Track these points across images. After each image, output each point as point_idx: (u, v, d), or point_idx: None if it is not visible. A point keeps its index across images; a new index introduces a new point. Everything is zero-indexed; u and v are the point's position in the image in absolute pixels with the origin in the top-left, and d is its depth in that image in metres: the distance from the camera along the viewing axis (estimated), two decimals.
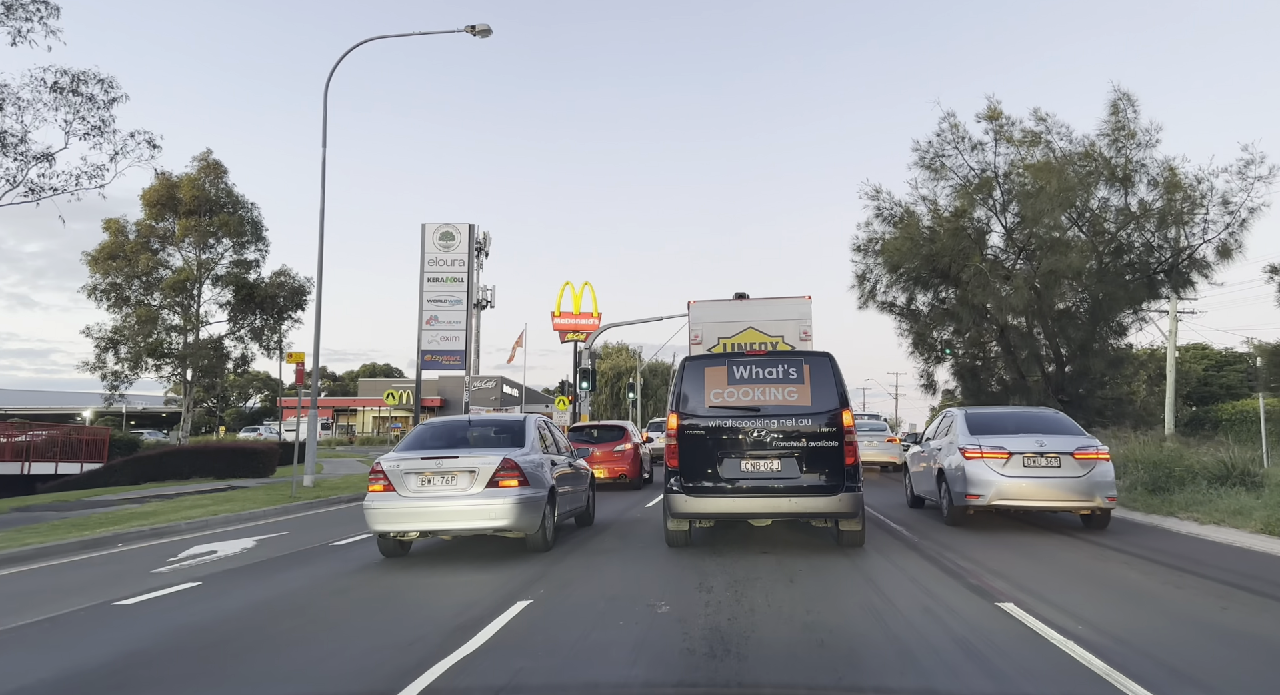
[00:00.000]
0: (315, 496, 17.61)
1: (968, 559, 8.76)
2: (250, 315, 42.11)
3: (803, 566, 8.33)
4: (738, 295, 19.82)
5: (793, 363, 9.49)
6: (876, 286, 27.96)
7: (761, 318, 18.37)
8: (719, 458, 9.11)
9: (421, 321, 49.79)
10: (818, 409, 9.09)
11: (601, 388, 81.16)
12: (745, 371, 9.42)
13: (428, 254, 50.30)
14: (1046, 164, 20.42)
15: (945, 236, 21.62)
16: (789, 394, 9.24)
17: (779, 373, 9.39)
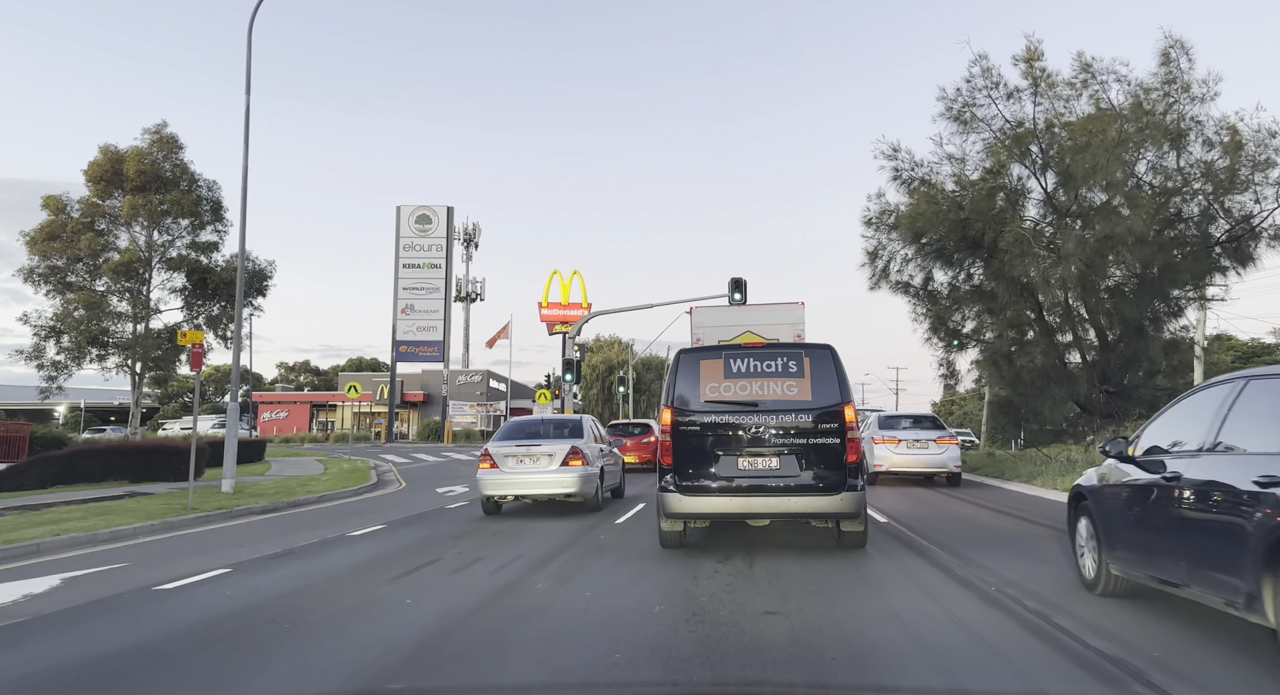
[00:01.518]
0: (220, 507, 14.48)
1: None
2: (207, 302, 38.84)
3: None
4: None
5: (792, 356, 9.02)
6: (890, 265, 24.91)
7: (758, 322, 19.81)
8: (715, 455, 8.71)
9: (396, 310, 46.68)
10: (819, 404, 8.67)
11: (592, 382, 78.05)
12: (743, 365, 8.96)
13: (403, 238, 47.05)
14: (1097, 114, 17.37)
15: (978, 198, 18.49)
16: (788, 388, 8.81)
17: (778, 366, 8.92)
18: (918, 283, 24.90)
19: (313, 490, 18.66)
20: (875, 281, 25.11)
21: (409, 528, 11.98)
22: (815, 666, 4.68)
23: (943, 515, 11.85)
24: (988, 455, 24.67)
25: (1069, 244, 15.81)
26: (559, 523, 12.08)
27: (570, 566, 8.30)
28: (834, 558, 8.70)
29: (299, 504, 16.37)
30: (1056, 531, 10.00)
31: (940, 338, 23.49)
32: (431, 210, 47.41)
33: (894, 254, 25.05)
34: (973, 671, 4.57)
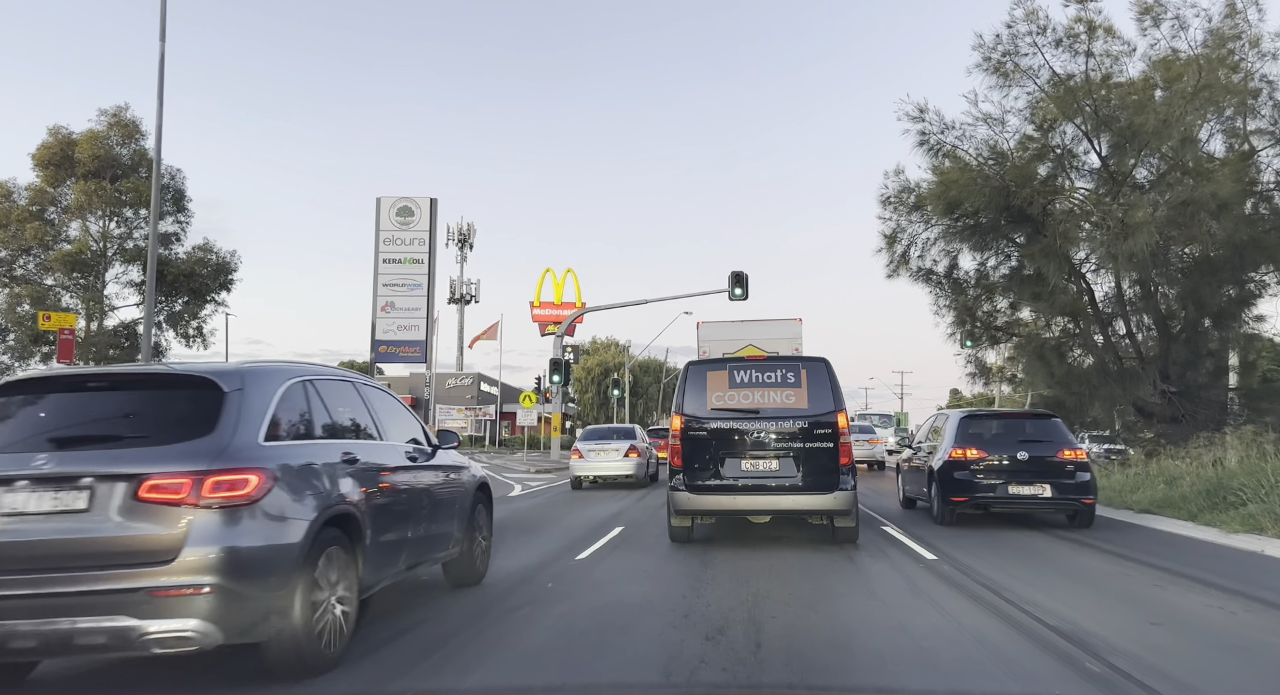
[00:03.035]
0: None
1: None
2: (170, 298, 35.99)
3: None
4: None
5: (790, 368, 9.78)
6: (909, 249, 22.10)
7: (759, 336, 21.92)
8: (720, 457, 9.43)
9: (375, 308, 43.73)
10: (814, 412, 9.38)
11: (587, 385, 75.27)
12: (745, 376, 9.71)
13: (383, 232, 44.13)
14: (1167, 60, 14.64)
15: (1023, 163, 15.68)
16: (787, 397, 9.55)
17: (778, 377, 9.66)
18: (941, 269, 22.10)
19: None
20: (893, 268, 22.33)
21: None
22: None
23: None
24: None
25: (1139, 212, 13.03)
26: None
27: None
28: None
29: None
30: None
31: (968, 332, 20.67)
32: (414, 202, 44.62)
33: (915, 237, 22.24)
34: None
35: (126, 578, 4.04)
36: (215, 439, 4.40)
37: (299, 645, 4.54)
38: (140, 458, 4.26)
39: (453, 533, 6.94)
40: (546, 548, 9.87)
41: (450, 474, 7.01)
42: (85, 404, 4.85)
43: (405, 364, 48.36)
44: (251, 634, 4.36)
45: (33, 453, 4.28)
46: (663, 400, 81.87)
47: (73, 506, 4.14)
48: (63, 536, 4.11)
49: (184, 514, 4.13)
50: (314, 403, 5.37)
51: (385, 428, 6.23)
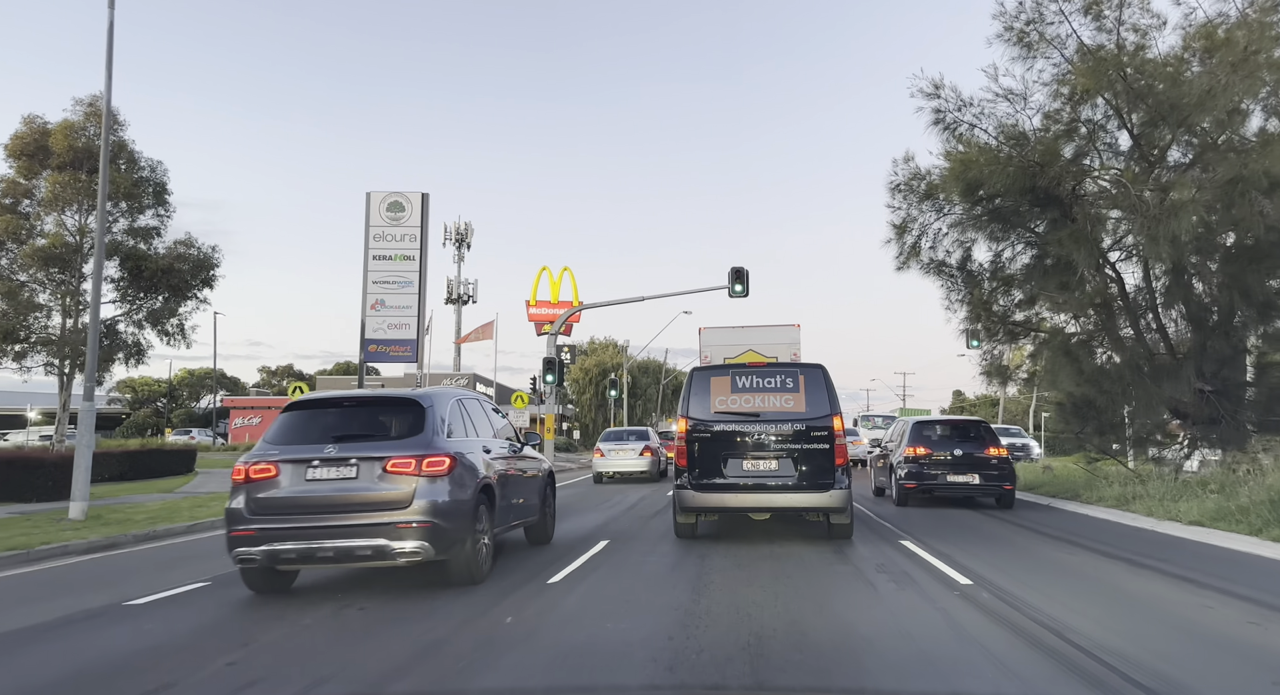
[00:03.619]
0: (17, 547, 10.32)
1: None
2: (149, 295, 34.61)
3: None
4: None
5: (789, 374, 10.25)
6: (920, 240, 20.78)
7: (759, 342, 22.31)
8: (723, 458, 9.93)
9: (365, 306, 42.36)
10: (811, 415, 9.87)
11: (585, 386, 73.86)
12: (747, 381, 10.19)
13: (373, 227, 42.63)
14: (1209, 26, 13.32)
15: (1051, 139, 14.33)
16: (786, 401, 10.01)
17: (777, 382, 10.14)
18: (954, 261, 20.77)
19: (198, 516, 14.57)
20: (903, 260, 20.99)
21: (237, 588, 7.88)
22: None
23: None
24: (1044, 469, 20.51)
25: (1182, 191, 11.70)
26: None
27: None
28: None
29: (154, 537, 12.28)
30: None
31: (983, 328, 19.32)
32: (404, 197, 43.15)
33: (926, 227, 20.89)
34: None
35: (383, 516, 6.86)
36: (424, 437, 7.25)
37: (469, 563, 7.39)
38: (384, 447, 7.16)
39: (535, 504, 9.94)
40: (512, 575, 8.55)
41: (532, 463, 10.03)
42: (347, 414, 7.75)
43: (396, 364, 46.93)
44: (447, 554, 7.14)
45: (322, 444, 7.16)
46: (662, 401, 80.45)
47: (347, 476, 7.00)
48: (343, 492, 6.99)
49: (412, 480, 6.96)
50: (464, 414, 8.32)
51: (498, 430, 9.33)
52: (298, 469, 7.06)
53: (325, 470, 7.06)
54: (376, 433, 7.47)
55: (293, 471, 7.07)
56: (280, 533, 6.92)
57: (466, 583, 7.39)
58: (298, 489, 7.06)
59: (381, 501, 6.97)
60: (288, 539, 6.91)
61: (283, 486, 7.07)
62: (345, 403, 7.94)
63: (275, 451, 7.23)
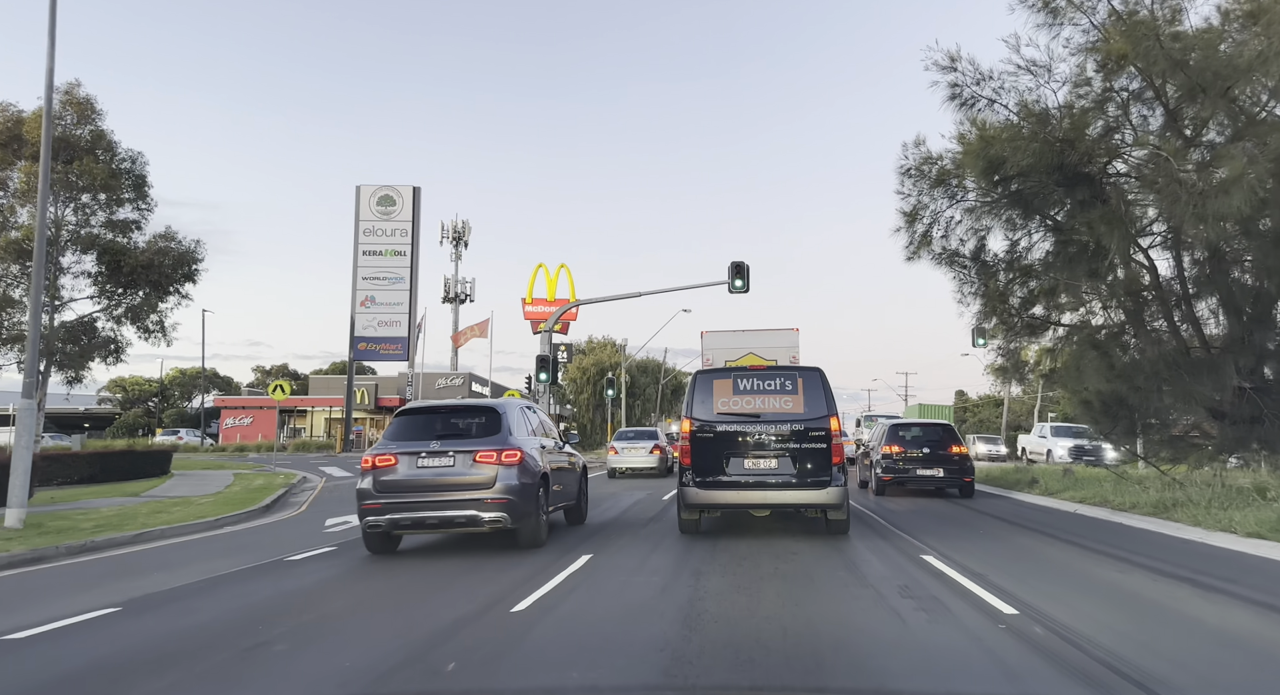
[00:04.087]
0: None
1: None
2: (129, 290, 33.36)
3: None
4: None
5: (788, 376, 10.70)
6: (932, 228, 19.64)
7: (759, 345, 23.67)
8: (726, 457, 10.35)
9: (354, 303, 41.04)
10: (809, 416, 10.30)
11: (583, 386, 72.51)
12: (748, 384, 10.62)
13: (363, 222, 41.41)
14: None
15: (1079, 113, 13.11)
16: (785, 403, 10.43)
17: (776, 385, 10.57)
18: (968, 250, 19.58)
19: (150, 523, 13.39)
20: (913, 250, 19.80)
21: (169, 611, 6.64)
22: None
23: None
24: (1064, 472, 19.28)
25: (1232, 165, 10.49)
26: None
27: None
28: None
29: (92, 549, 11.07)
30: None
31: (1000, 319, 18.12)
32: (395, 190, 42.06)
33: (938, 214, 19.71)
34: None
35: (473, 494, 9.42)
36: (500, 436, 9.71)
37: (534, 532, 9.92)
38: (472, 443, 9.67)
39: (574, 491, 12.17)
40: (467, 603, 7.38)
41: (572, 457, 12.33)
42: (444, 418, 10.20)
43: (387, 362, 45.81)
44: (518, 524, 9.65)
45: (428, 440, 9.68)
46: (661, 401, 79.19)
47: (447, 464, 9.55)
48: (444, 476, 9.54)
49: (494, 468, 9.46)
50: (525, 419, 10.73)
51: (548, 432, 11.75)
52: (411, 459, 9.55)
53: (431, 460, 9.58)
54: (466, 432, 9.91)
55: (407, 461, 9.55)
56: (399, 506, 9.45)
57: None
58: (411, 473, 9.54)
59: (472, 483, 9.45)
60: (404, 511, 9.45)
61: (400, 472, 9.56)
62: (442, 410, 10.55)
63: (394, 446, 9.73)
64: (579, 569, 8.40)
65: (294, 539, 12.02)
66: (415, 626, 6.07)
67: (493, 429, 9.82)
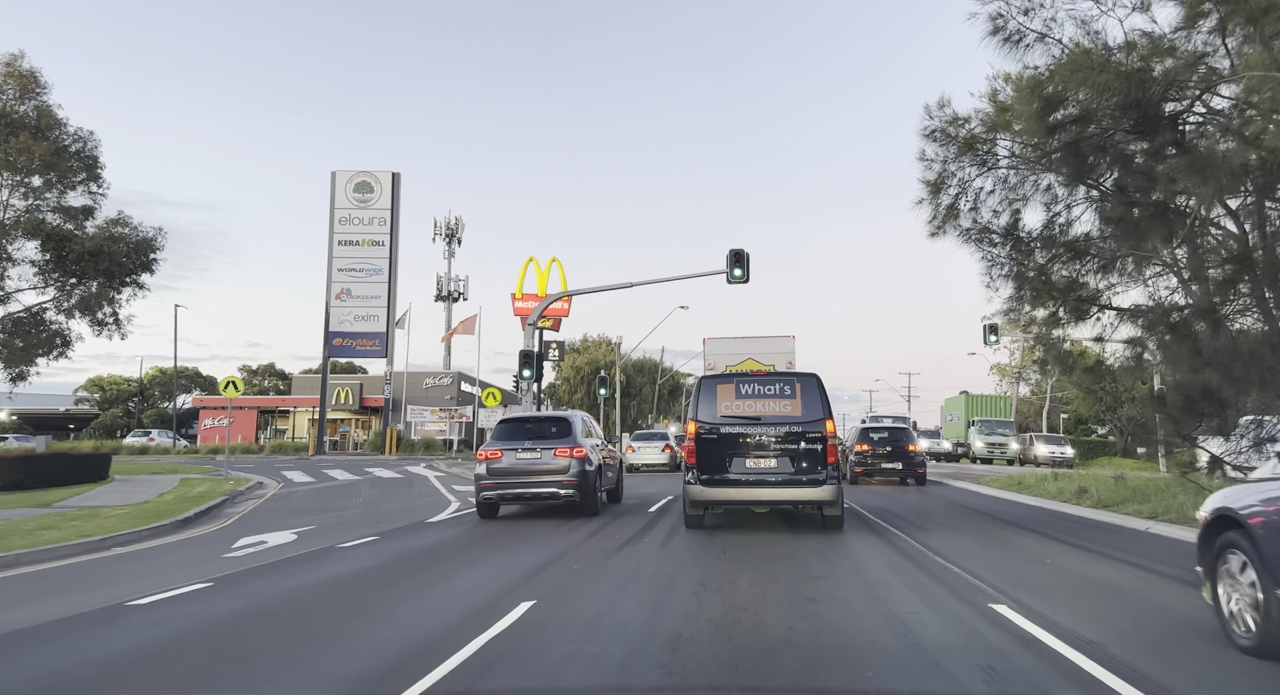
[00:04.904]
0: None
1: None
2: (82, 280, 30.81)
3: None
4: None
5: (787, 382, 11.46)
6: (959, 199, 17.26)
7: (758, 352, 26.81)
8: (728, 457, 11.04)
9: (329, 296, 38.29)
10: (807, 419, 11.03)
11: (576, 386, 70.04)
12: (749, 388, 11.35)
13: (339, 210, 38.61)
14: None
15: (1154, 43, 10.57)
16: (784, 407, 11.17)
17: (776, 390, 11.33)
18: (1001, 224, 17.12)
19: (38, 541, 10.90)
20: (938, 225, 17.33)
21: None
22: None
23: None
24: (1115, 480, 16.72)
25: None
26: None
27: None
28: None
29: None
30: None
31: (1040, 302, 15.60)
32: (373, 176, 39.50)
33: (966, 183, 17.27)
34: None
35: (554, 477, 13.58)
36: (571, 438, 13.93)
37: (594, 504, 14.04)
38: (552, 443, 13.82)
39: (614, 478, 16.25)
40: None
41: (613, 453, 17.20)
42: (532, 425, 14.67)
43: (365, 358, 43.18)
44: (584, 499, 13.71)
45: (522, 440, 14.04)
46: (658, 402, 76.62)
47: (535, 457, 13.76)
48: (534, 465, 13.72)
49: (567, 460, 13.62)
50: (586, 425, 15.14)
51: (598, 434, 16.31)
52: (511, 453, 13.78)
53: (525, 454, 13.82)
54: (547, 434, 14.06)
55: (509, 454, 13.76)
56: (504, 485, 13.71)
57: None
58: (511, 463, 13.75)
59: (553, 470, 13.61)
60: (507, 488, 13.73)
61: (504, 462, 13.77)
62: (530, 419, 15.34)
63: (499, 444, 13.98)
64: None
65: (172, 569, 9.50)
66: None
67: (565, 433, 14.08)
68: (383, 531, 12.58)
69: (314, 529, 13.27)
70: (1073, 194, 16.30)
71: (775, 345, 27.19)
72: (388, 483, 24.44)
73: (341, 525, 13.76)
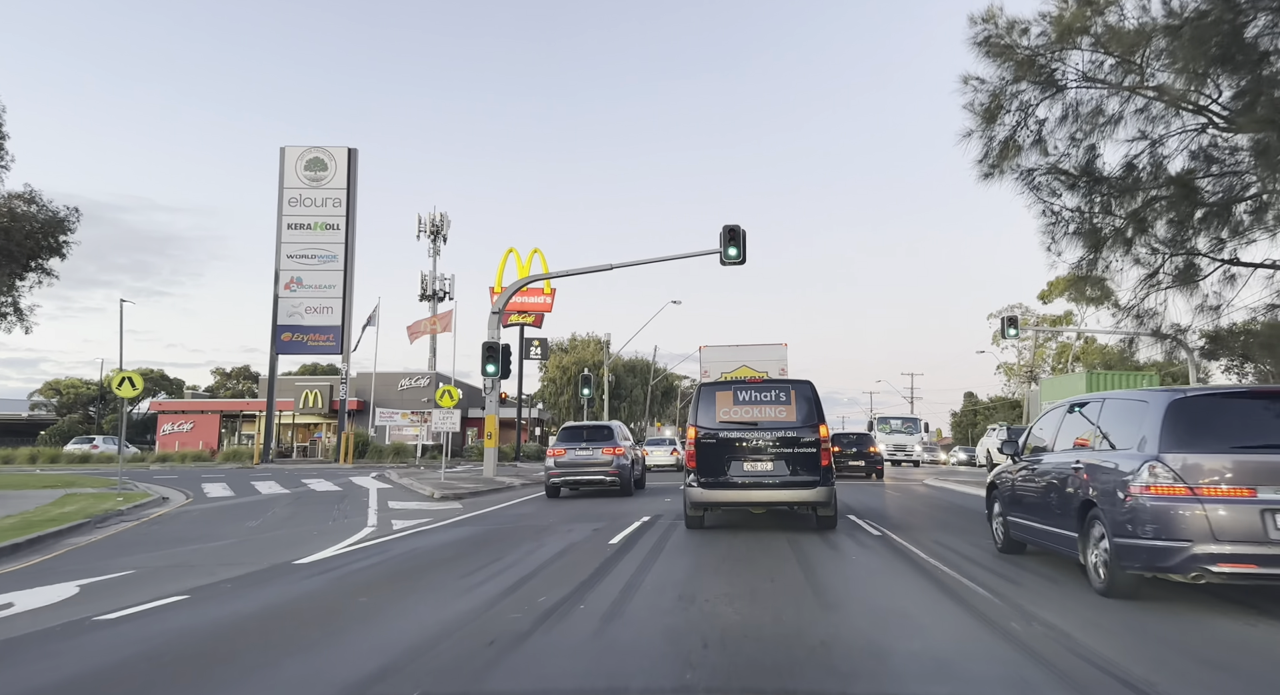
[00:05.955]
0: None
1: None
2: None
3: None
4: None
5: (783, 389, 12.08)
6: (1019, 131, 13.68)
7: (751, 358, 28.62)
8: (727, 460, 11.58)
9: (278, 285, 34.05)
10: (801, 424, 11.62)
11: (563, 386, 66.01)
12: (747, 395, 11.98)
13: (288, 190, 34.17)
14: None
15: None
16: (779, 412, 11.76)
17: (772, 396, 11.95)
18: (1075, 162, 13.38)
19: None
20: (991, 164, 13.75)
21: None
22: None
23: None
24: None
25: None
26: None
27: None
28: None
29: None
30: None
31: (1133, 259, 11.76)
32: (327, 152, 35.40)
33: (1029, 108, 13.55)
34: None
35: (602, 468, 19.84)
36: (614, 440, 20.37)
37: (629, 488, 20.46)
38: (601, 443, 20.20)
39: (640, 472, 22.23)
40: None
41: (639, 453, 23.91)
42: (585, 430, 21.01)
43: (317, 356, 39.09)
44: (623, 485, 20.03)
45: (579, 441, 20.35)
46: (650, 404, 72.61)
47: (588, 453, 20.02)
48: (588, 460, 20.00)
49: (612, 456, 19.94)
50: (621, 430, 21.77)
51: (629, 436, 22.85)
52: (572, 450, 19.71)
53: (581, 451, 19.72)
54: (597, 438, 20.07)
55: (570, 451, 19.68)
56: (566, 473, 19.64)
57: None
58: (572, 458, 19.63)
59: (600, 463, 19.45)
60: (569, 476, 19.66)
61: (566, 457, 19.65)
62: (584, 427, 20.89)
63: (562, 444, 19.94)
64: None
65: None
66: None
67: (609, 436, 20.36)
68: (215, 582, 8.59)
69: (130, 574, 9.29)
70: (1178, 117, 12.42)
71: (768, 352, 28.94)
72: (316, 498, 20.42)
73: (179, 567, 9.82)
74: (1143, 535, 6.45)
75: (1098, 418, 7.84)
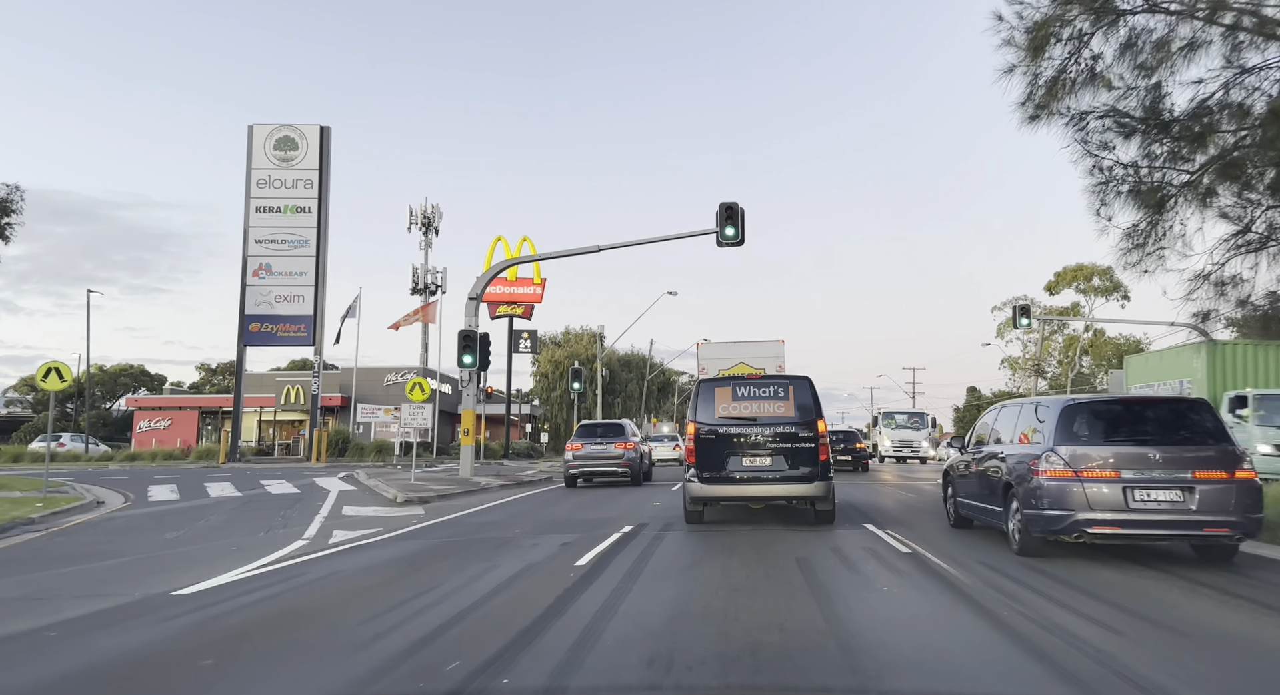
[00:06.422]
0: None
1: None
2: None
3: None
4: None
5: (781, 385, 12.29)
6: (1070, 66, 11.74)
7: (749, 356, 28.83)
8: (726, 455, 11.74)
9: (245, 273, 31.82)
10: (799, 419, 11.79)
11: (555, 381, 63.78)
12: (746, 391, 12.15)
13: (256, 171, 31.79)
14: None
15: None
16: (778, 408, 11.94)
17: (771, 392, 12.12)
18: (1138, 105, 11.35)
19: None
20: (1038, 104, 11.96)
21: None
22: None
23: None
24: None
25: None
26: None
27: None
28: None
29: None
30: None
31: (1228, 217, 9.69)
32: (298, 131, 33.22)
33: (1084, 38, 11.56)
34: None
35: (615, 461, 22.00)
36: (626, 435, 22.64)
37: (639, 479, 22.35)
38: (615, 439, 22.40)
39: (648, 465, 24.59)
40: None
41: (647, 448, 25.78)
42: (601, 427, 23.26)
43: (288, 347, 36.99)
44: (633, 476, 22.11)
45: (595, 436, 22.62)
46: (646, 399, 70.48)
47: (603, 448, 22.19)
48: (603, 454, 22.18)
49: (624, 450, 22.05)
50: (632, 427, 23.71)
51: (638, 434, 24.58)
52: (588, 444, 21.89)
53: (597, 445, 21.86)
54: (610, 432, 22.18)
55: (587, 445, 21.86)
56: (584, 465, 21.76)
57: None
58: (589, 451, 21.73)
59: (615, 456, 21.51)
60: (586, 468, 21.80)
61: (584, 451, 21.78)
62: (599, 423, 23.14)
63: (580, 439, 22.39)
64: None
65: None
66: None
67: (621, 432, 22.16)
68: (40, 627, 6.48)
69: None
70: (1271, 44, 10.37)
71: (765, 349, 29.20)
72: (266, 502, 18.32)
73: (26, 600, 7.69)
74: (1042, 507, 8.44)
75: (1017, 418, 9.83)
